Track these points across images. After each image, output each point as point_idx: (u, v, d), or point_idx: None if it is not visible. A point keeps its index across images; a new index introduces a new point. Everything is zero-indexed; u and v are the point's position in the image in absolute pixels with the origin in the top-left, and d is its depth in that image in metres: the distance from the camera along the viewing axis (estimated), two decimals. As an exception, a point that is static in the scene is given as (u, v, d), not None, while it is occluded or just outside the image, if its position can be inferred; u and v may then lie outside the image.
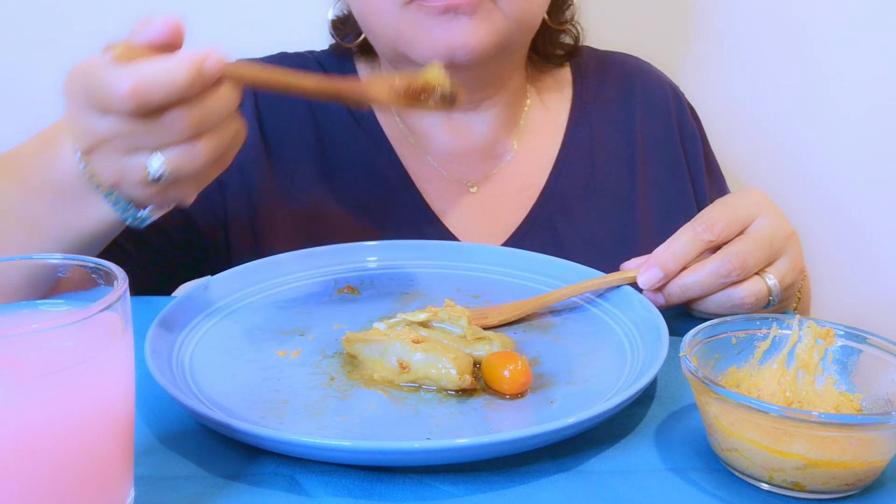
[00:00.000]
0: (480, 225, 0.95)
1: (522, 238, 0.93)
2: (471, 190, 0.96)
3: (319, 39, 1.13)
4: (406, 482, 0.52)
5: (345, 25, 1.01)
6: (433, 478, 0.52)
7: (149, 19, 0.59)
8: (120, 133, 0.58)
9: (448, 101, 0.67)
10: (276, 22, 1.24)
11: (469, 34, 0.83)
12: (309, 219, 0.93)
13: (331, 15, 1.01)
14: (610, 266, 0.76)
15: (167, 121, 0.57)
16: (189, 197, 0.64)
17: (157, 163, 0.59)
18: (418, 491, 0.51)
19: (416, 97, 0.66)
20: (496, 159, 0.98)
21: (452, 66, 0.86)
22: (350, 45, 0.99)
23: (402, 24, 0.85)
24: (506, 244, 0.93)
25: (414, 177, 0.96)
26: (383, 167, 0.96)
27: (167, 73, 0.55)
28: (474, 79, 0.93)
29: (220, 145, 0.60)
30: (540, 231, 0.94)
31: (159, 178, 0.59)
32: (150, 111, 0.56)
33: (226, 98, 0.59)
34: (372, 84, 0.68)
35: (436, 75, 0.67)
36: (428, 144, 0.98)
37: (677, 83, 1.08)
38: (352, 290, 0.77)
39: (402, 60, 0.90)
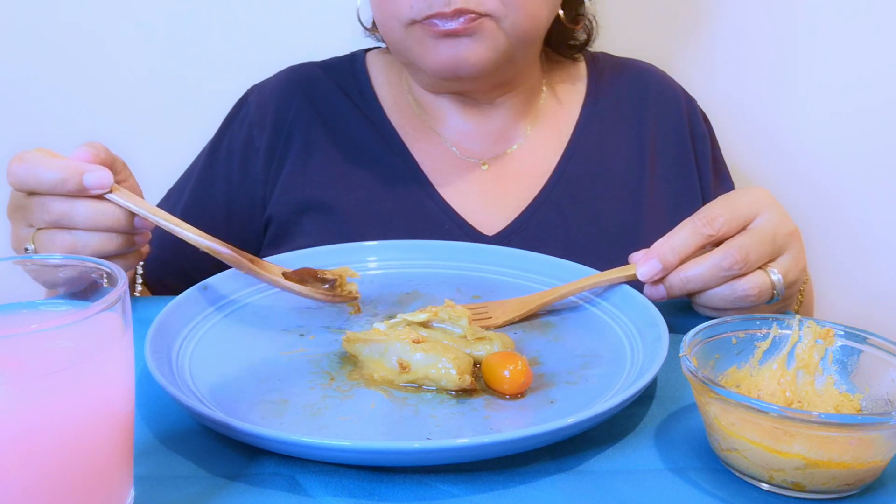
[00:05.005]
0: (488, 201, 0.96)
1: (529, 218, 0.95)
2: (482, 167, 0.98)
3: (323, 41, 1.13)
4: (406, 482, 0.52)
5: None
6: (433, 478, 0.52)
7: (87, 147, 0.69)
8: (16, 205, 0.70)
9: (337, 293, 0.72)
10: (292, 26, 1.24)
11: (471, 52, 0.87)
12: (320, 209, 0.95)
13: (359, 2, 1.03)
14: (614, 252, 0.75)
15: (35, 203, 0.68)
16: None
17: (30, 239, 0.70)
18: (418, 491, 0.51)
19: (303, 280, 0.72)
20: (509, 142, 1.01)
21: (458, 79, 0.89)
22: (377, 30, 1.02)
23: (409, 41, 0.89)
24: (513, 223, 0.94)
25: (424, 155, 0.98)
26: (387, 151, 0.98)
27: (45, 167, 0.66)
28: (485, 83, 0.95)
29: (81, 247, 0.68)
30: (547, 212, 0.95)
31: (28, 252, 0.70)
32: (28, 192, 0.67)
33: (97, 210, 0.67)
34: (260, 264, 0.73)
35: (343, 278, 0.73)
36: (440, 124, 1.01)
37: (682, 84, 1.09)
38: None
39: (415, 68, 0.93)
